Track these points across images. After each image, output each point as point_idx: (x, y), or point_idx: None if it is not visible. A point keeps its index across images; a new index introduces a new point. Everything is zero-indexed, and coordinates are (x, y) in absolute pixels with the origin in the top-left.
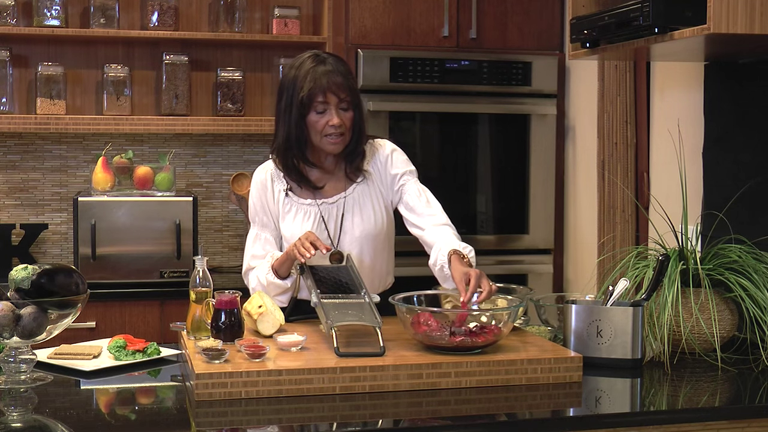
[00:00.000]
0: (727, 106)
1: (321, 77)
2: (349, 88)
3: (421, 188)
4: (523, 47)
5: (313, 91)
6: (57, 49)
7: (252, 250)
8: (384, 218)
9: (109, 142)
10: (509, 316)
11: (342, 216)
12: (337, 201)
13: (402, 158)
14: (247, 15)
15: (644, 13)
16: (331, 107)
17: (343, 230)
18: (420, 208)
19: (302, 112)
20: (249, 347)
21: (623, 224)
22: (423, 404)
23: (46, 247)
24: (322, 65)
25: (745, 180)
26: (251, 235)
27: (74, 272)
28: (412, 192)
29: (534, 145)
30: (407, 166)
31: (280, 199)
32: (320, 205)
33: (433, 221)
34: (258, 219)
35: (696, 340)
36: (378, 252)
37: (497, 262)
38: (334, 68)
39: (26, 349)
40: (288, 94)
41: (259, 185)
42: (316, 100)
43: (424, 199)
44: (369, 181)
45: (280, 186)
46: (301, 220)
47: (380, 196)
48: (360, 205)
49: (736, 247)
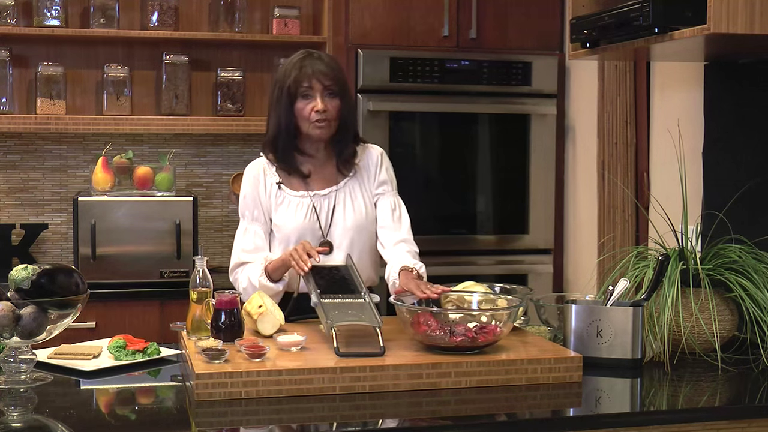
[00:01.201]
0: (727, 106)
1: (307, 66)
2: (335, 78)
3: (397, 202)
4: (523, 47)
5: (299, 78)
6: (57, 49)
7: (241, 244)
8: (372, 212)
9: (109, 142)
10: (509, 316)
11: (333, 208)
12: (328, 193)
13: (389, 168)
14: (247, 15)
15: (644, 13)
16: (316, 93)
17: (333, 222)
18: (386, 221)
19: (290, 100)
20: (249, 347)
21: (623, 224)
22: (423, 404)
23: (46, 247)
24: (309, 57)
25: (745, 180)
26: (240, 229)
27: (74, 272)
28: (386, 204)
29: (534, 145)
30: (390, 177)
31: (272, 192)
32: (312, 196)
33: (394, 239)
34: (248, 213)
35: (696, 340)
36: (366, 244)
37: (497, 262)
38: (320, 58)
39: (26, 349)
40: (279, 86)
41: (252, 179)
42: (302, 85)
43: (397, 214)
44: (359, 176)
45: (273, 179)
46: (294, 210)
47: (369, 193)
48: (351, 198)
49: (736, 247)
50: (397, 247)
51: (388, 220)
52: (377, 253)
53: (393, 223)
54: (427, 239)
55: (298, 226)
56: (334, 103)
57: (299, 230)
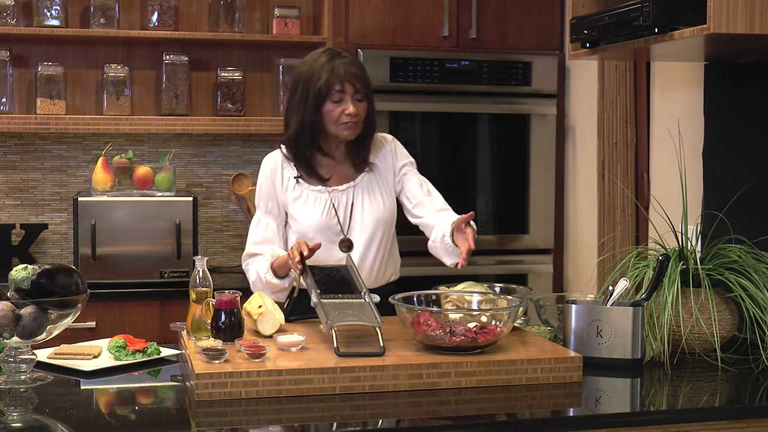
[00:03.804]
0: (727, 106)
1: (338, 67)
2: (364, 80)
3: (422, 179)
4: (523, 47)
5: (331, 81)
6: (57, 49)
7: (253, 236)
8: (391, 206)
9: (109, 142)
10: (509, 316)
11: (352, 203)
12: (346, 189)
13: (403, 151)
14: (247, 15)
15: (644, 13)
16: (348, 96)
17: (353, 217)
18: (420, 197)
19: (318, 102)
20: (249, 347)
21: (623, 224)
22: (423, 404)
23: (46, 247)
24: (338, 58)
25: (745, 180)
26: (255, 219)
27: (74, 272)
28: (413, 182)
29: (534, 145)
30: (408, 158)
31: (290, 185)
32: (330, 192)
33: (433, 209)
34: (263, 204)
35: (696, 340)
36: (385, 240)
37: (497, 262)
38: (350, 60)
39: (26, 349)
40: (304, 86)
41: (269, 171)
42: (333, 89)
43: (426, 189)
44: (375, 171)
45: (291, 172)
46: (312, 205)
47: (388, 185)
48: (369, 193)
49: (736, 247)
50: (439, 213)
51: (421, 196)
52: (397, 248)
53: (426, 197)
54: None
55: (316, 222)
56: (363, 105)
57: (317, 226)
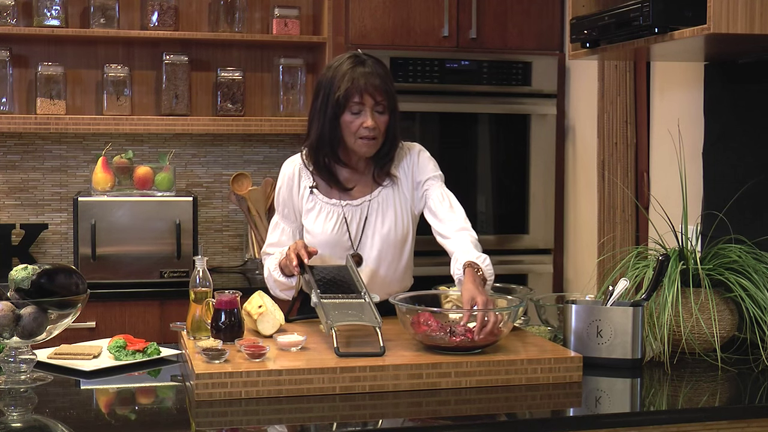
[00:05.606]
0: (727, 106)
1: (359, 78)
2: (386, 92)
3: (446, 192)
4: (523, 47)
5: (350, 91)
6: (57, 49)
7: (270, 237)
8: (406, 224)
9: (109, 142)
10: (509, 316)
11: (365, 219)
12: (361, 204)
13: (430, 164)
14: (247, 15)
15: (644, 13)
16: (367, 109)
17: (365, 233)
18: (442, 213)
19: (337, 112)
20: (249, 347)
21: (623, 224)
22: (423, 404)
23: (46, 247)
24: (361, 66)
25: (745, 180)
26: (273, 221)
27: (74, 272)
28: (436, 197)
29: (534, 145)
30: (434, 172)
31: (305, 195)
32: (344, 206)
33: (454, 227)
34: (281, 209)
35: (696, 340)
36: (397, 257)
37: (497, 262)
38: (372, 70)
39: (26, 349)
40: (324, 93)
41: (286, 178)
42: (352, 100)
43: (447, 204)
44: (396, 185)
45: (307, 182)
46: (324, 219)
47: (405, 201)
48: (383, 210)
49: (736, 247)
50: (459, 235)
51: (441, 211)
52: (411, 260)
53: (446, 213)
54: (427, 239)
55: (327, 237)
56: (383, 119)
57: (327, 241)
